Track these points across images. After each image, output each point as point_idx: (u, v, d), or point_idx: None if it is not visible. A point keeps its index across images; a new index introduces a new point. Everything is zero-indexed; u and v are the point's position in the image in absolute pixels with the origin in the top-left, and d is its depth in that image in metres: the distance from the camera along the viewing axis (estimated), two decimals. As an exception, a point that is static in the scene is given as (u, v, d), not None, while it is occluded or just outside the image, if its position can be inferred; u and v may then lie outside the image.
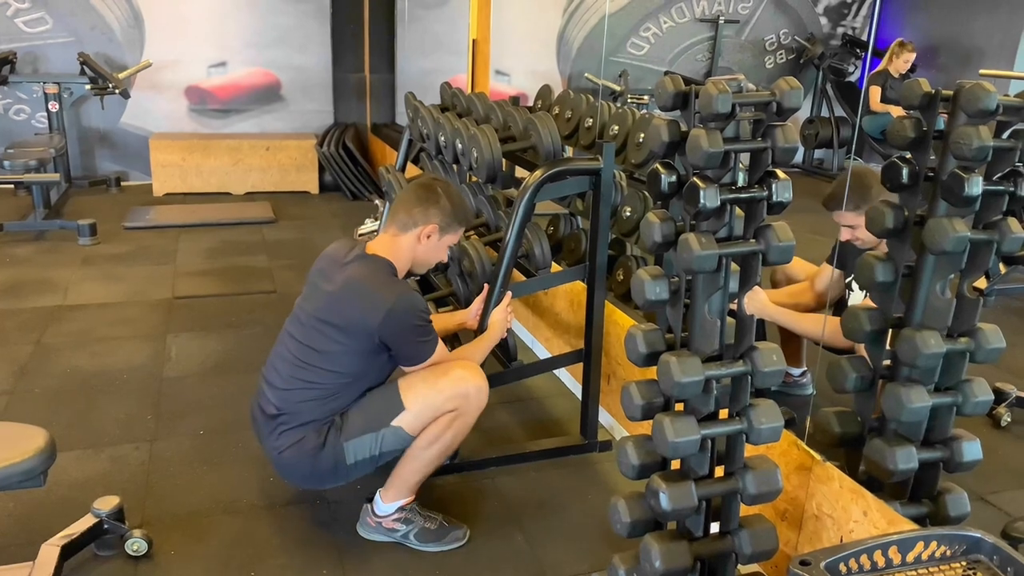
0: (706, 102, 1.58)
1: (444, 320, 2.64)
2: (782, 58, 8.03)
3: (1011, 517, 2.25)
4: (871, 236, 2.51)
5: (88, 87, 5.89)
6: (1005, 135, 1.75)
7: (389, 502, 2.25)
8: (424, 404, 2.13)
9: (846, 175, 2.53)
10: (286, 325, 2.30)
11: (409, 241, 2.23)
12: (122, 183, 6.45)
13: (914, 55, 6.69)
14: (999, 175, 1.75)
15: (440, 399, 2.14)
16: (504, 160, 2.90)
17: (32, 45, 6.09)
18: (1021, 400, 3.02)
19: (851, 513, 1.83)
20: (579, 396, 2.88)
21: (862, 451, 1.88)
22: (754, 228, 1.66)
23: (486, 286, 2.58)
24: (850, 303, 2.73)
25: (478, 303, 2.58)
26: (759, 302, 2.60)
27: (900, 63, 6.66)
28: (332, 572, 2.17)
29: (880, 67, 6.77)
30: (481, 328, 2.52)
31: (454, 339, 2.78)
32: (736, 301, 1.70)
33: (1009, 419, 2.97)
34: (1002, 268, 3.93)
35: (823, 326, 2.51)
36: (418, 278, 3.16)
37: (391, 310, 2.07)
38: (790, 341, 3.08)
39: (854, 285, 2.73)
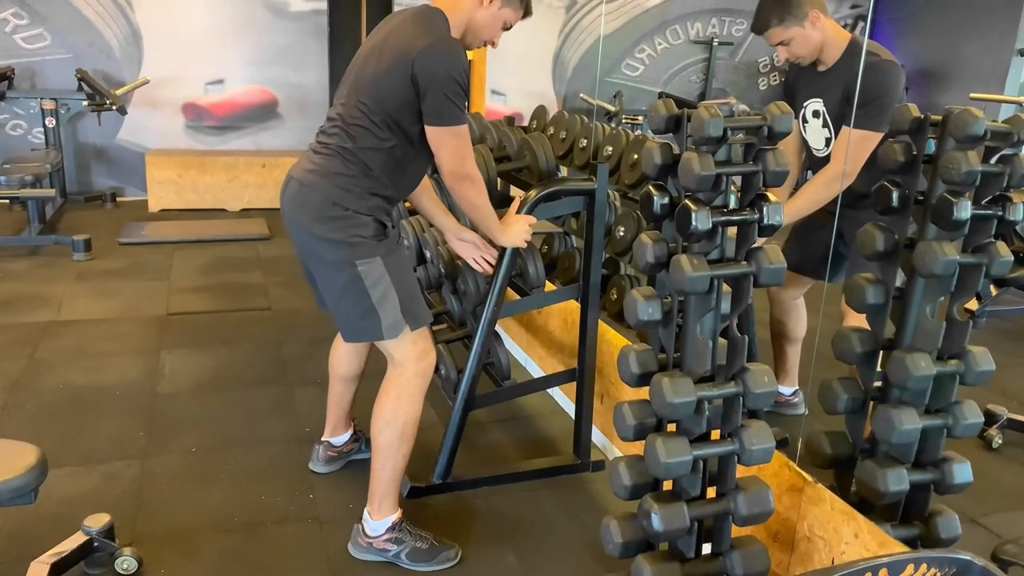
0: (698, 126, 1.60)
1: (444, 214, 2.57)
2: (775, 80, 8.10)
3: (1002, 539, 2.26)
4: (806, 49, 2.55)
5: (85, 103, 5.91)
6: (993, 160, 1.77)
7: (377, 518, 2.24)
8: (412, 337, 2.18)
9: None
10: (345, 74, 2.25)
11: (471, 1, 2.17)
12: (118, 199, 6.46)
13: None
14: (988, 199, 1.77)
15: (412, 346, 2.19)
16: (499, 179, 2.92)
17: (30, 61, 6.11)
18: (1012, 422, 3.03)
19: (842, 535, 1.84)
20: (572, 415, 2.88)
21: (853, 472, 1.89)
22: (745, 250, 1.67)
23: (518, 197, 2.51)
24: (807, 136, 2.72)
25: (512, 210, 2.51)
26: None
27: None
28: (323, 591, 2.17)
29: None
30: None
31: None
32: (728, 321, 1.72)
33: (1000, 441, 2.98)
34: (993, 290, 3.96)
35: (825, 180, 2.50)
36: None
37: (432, 45, 2.02)
38: (780, 360, 3.09)
39: (807, 113, 2.69)
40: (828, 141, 2.62)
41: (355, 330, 2.25)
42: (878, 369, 1.88)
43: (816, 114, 2.67)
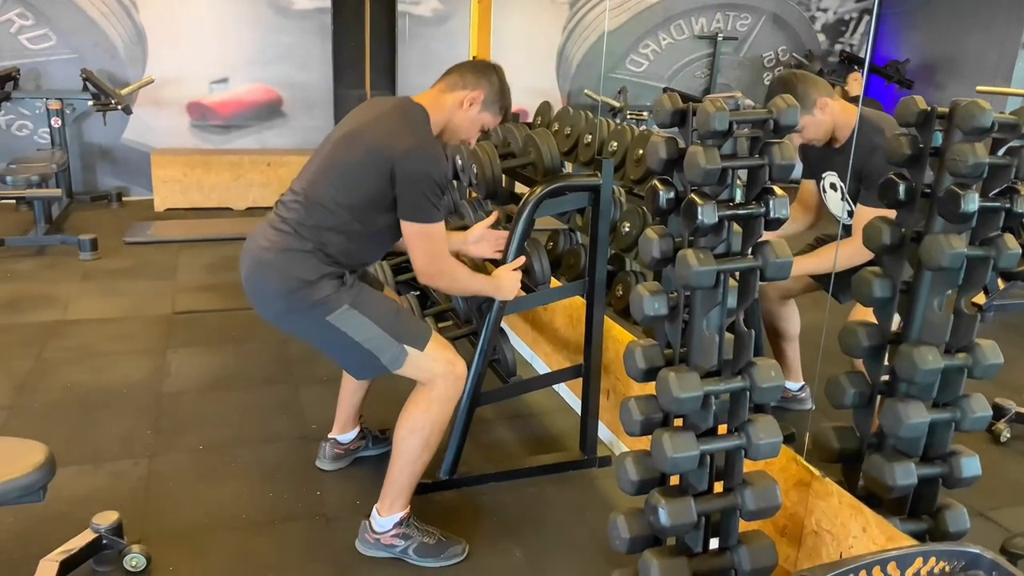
0: (704, 120, 1.59)
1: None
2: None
3: (1011, 533, 2.25)
4: (818, 133, 2.62)
5: (91, 103, 5.91)
6: (1001, 152, 1.76)
7: (386, 515, 2.25)
8: (429, 356, 2.17)
9: (775, 83, 2.63)
10: (315, 151, 2.29)
11: (452, 102, 2.23)
12: (123, 198, 6.47)
13: None
14: (995, 192, 1.76)
15: (434, 364, 2.18)
16: (504, 176, 2.92)
17: (35, 62, 6.12)
18: (1020, 416, 3.02)
19: (850, 529, 1.83)
20: (578, 411, 2.88)
21: (861, 467, 1.88)
22: (752, 244, 1.67)
23: (495, 213, 2.58)
24: (829, 205, 2.79)
25: (479, 227, 2.56)
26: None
27: None
28: (331, 588, 2.17)
29: None
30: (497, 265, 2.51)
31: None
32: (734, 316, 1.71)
33: (1009, 435, 2.97)
34: (1000, 284, 3.94)
35: (835, 253, 2.55)
36: (414, 285, 3.16)
37: (415, 147, 2.08)
38: (779, 357, 3.08)
39: (825, 185, 2.77)
40: (850, 213, 2.68)
41: (361, 371, 2.29)
42: (885, 363, 1.87)
43: (834, 187, 2.74)
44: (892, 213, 2.37)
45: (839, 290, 2.58)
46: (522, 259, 2.51)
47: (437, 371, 2.19)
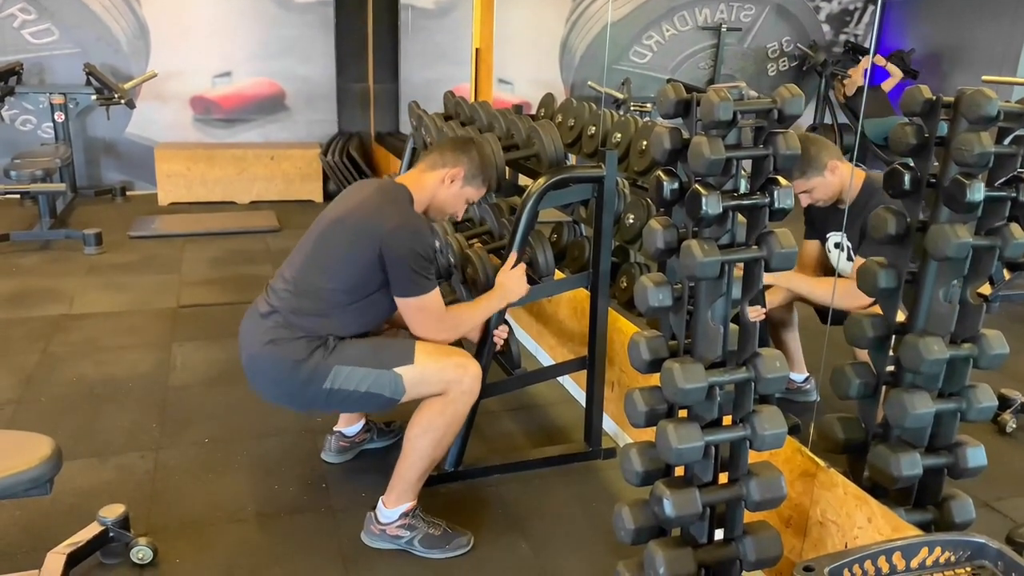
0: (708, 110, 1.59)
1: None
2: (784, 65, 8.05)
3: (1017, 523, 2.25)
4: (827, 194, 2.68)
5: (94, 98, 5.92)
6: (1007, 141, 1.75)
7: (392, 507, 2.25)
8: (425, 369, 2.17)
9: None
10: (300, 241, 2.33)
11: (434, 180, 2.30)
12: (127, 193, 6.48)
13: None
14: (1001, 181, 1.75)
15: (438, 375, 2.17)
16: (507, 168, 2.91)
17: (38, 56, 6.13)
18: (1026, 406, 3.01)
19: (855, 519, 1.83)
20: (583, 403, 2.88)
21: (866, 457, 1.88)
22: (756, 235, 1.66)
23: (513, 256, 2.53)
24: (835, 264, 2.82)
25: (504, 271, 2.54)
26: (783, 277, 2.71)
27: None
28: (337, 580, 2.18)
29: None
30: (479, 352, 2.50)
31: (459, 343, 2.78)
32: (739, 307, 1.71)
33: (1014, 425, 2.97)
34: (1006, 274, 3.92)
35: (833, 288, 2.59)
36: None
37: (398, 227, 2.14)
38: (787, 346, 3.08)
39: (829, 245, 2.83)
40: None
41: (378, 410, 2.29)
42: (890, 353, 1.87)
43: (839, 246, 2.80)
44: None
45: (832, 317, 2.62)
46: (514, 256, 2.51)
47: (448, 378, 2.18)
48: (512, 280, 2.46)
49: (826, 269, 2.92)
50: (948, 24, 7.33)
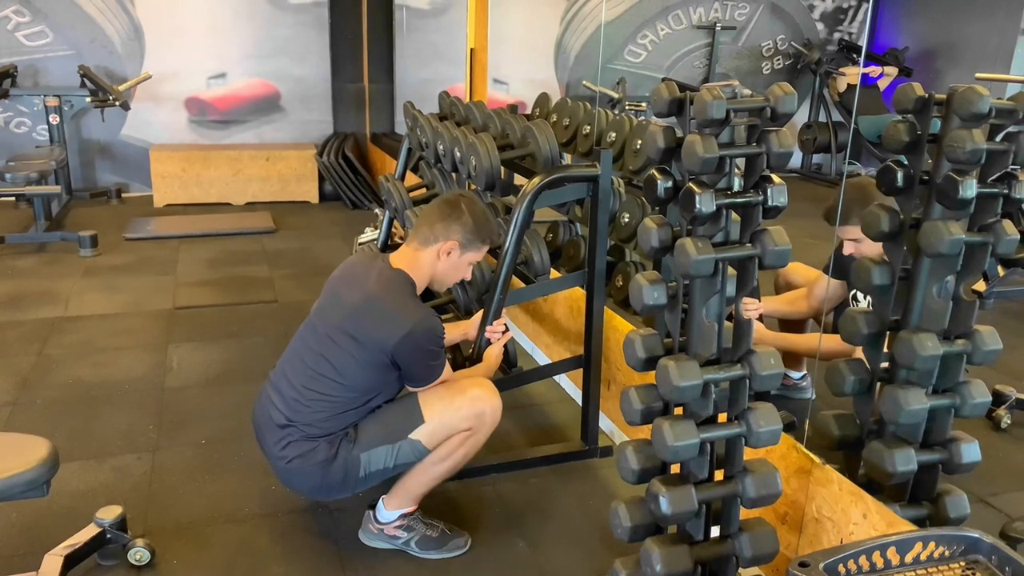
0: (701, 108, 1.59)
1: (447, 330, 2.65)
2: (779, 64, 8.06)
3: (1011, 518, 2.26)
4: (874, 250, 2.45)
5: (88, 100, 5.91)
6: (999, 138, 1.76)
7: (392, 510, 2.26)
8: (441, 421, 2.13)
9: (852, 187, 2.51)
10: (300, 331, 2.28)
11: (429, 257, 2.22)
12: (123, 194, 6.47)
13: None
14: (993, 178, 1.76)
15: (457, 417, 2.14)
16: (502, 168, 2.92)
17: (33, 58, 6.12)
18: (1021, 402, 3.02)
19: (851, 515, 1.84)
20: (579, 402, 2.89)
21: (861, 454, 1.89)
22: (750, 232, 1.67)
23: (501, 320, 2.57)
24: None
25: (480, 315, 2.58)
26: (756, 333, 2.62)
27: None
28: (334, 580, 2.18)
29: None
30: (477, 354, 2.52)
31: (454, 349, 2.79)
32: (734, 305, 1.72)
33: (1009, 421, 2.97)
34: (1000, 271, 3.93)
35: (819, 343, 2.52)
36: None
37: (410, 332, 2.07)
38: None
39: (859, 295, 2.72)
40: None
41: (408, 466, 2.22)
42: (885, 350, 1.88)
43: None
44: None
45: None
46: (507, 333, 2.55)
47: (468, 415, 2.15)
48: (493, 357, 2.49)
49: (836, 306, 2.83)
50: (941, 21, 7.35)
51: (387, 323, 2.09)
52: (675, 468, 1.77)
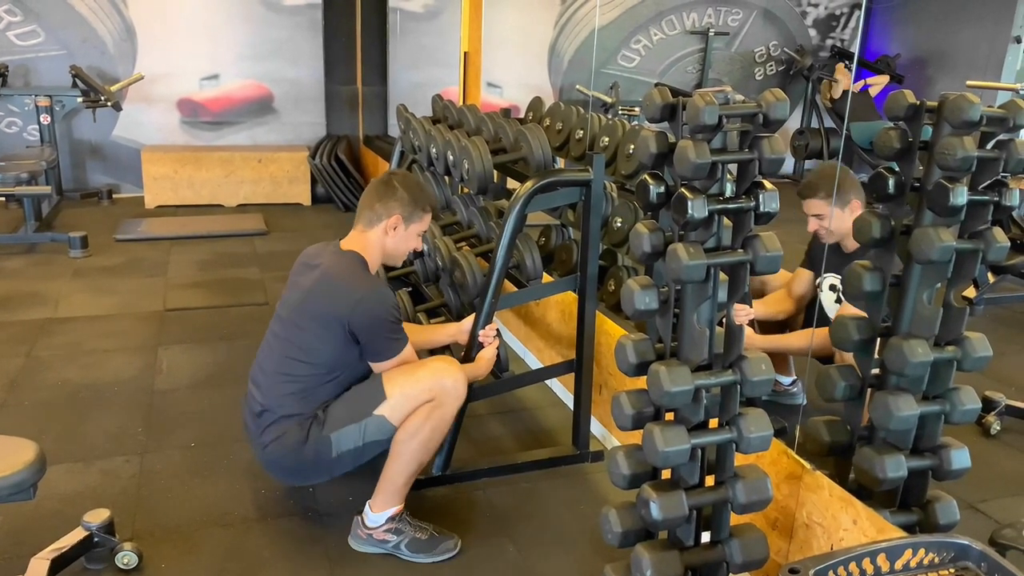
0: (693, 114, 1.59)
1: (435, 332, 2.65)
2: (772, 70, 8.09)
3: (1000, 524, 2.26)
4: (839, 226, 2.66)
5: (80, 100, 5.89)
6: (989, 145, 1.77)
7: (379, 511, 2.25)
8: (403, 393, 2.19)
9: (822, 167, 2.69)
10: (270, 325, 2.38)
11: (377, 235, 2.33)
12: (114, 195, 6.44)
13: None
14: (984, 185, 1.77)
15: (418, 388, 2.20)
16: (495, 171, 2.91)
17: (24, 58, 6.09)
18: (1010, 409, 3.03)
19: (841, 521, 1.84)
20: (571, 406, 2.88)
21: (852, 460, 1.89)
22: (742, 238, 1.67)
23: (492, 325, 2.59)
24: (824, 303, 2.83)
25: (471, 319, 2.58)
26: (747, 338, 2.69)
27: None
28: (323, 584, 2.17)
29: None
30: (468, 355, 2.52)
31: (445, 351, 2.78)
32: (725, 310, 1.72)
33: (999, 427, 2.99)
34: (991, 278, 3.95)
35: (811, 340, 2.55)
36: (406, 282, 3.16)
37: (362, 299, 2.17)
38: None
39: (824, 285, 2.81)
40: None
41: (384, 448, 2.26)
42: (875, 356, 1.88)
43: (833, 288, 2.81)
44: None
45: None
46: (497, 340, 2.57)
47: (428, 386, 2.20)
48: (484, 360, 2.52)
49: (808, 303, 2.92)
50: (933, 29, 7.39)
51: (340, 295, 2.19)
52: (666, 473, 1.77)
